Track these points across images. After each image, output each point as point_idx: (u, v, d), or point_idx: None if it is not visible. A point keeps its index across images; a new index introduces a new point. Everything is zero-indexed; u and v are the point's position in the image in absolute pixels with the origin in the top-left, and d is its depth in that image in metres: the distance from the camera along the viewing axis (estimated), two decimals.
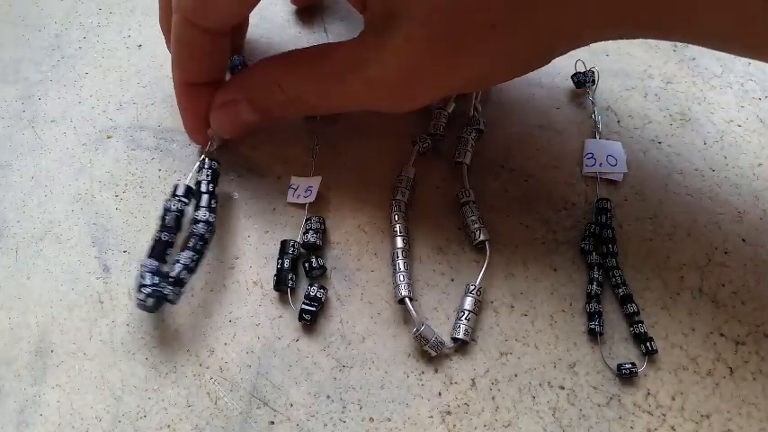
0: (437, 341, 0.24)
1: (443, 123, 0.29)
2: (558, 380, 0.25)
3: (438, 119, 0.29)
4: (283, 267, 0.26)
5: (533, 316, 0.26)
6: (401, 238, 0.26)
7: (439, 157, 0.30)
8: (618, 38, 0.22)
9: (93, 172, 0.30)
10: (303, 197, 0.28)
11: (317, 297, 0.25)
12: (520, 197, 0.28)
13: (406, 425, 0.24)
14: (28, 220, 0.29)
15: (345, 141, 0.30)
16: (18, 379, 0.25)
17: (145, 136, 0.31)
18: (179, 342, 0.26)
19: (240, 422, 0.24)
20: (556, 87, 0.31)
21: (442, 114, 0.30)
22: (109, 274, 0.27)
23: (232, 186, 0.29)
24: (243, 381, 0.25)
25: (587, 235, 0.27)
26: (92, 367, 0.25)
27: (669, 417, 0.24)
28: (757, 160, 0.29)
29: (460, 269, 0.27)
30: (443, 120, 0.29)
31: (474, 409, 0.24)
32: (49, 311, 0.27)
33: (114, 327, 0.26)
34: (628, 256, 0.27)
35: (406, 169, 0.28)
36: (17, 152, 0.30)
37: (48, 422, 0.24)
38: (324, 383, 0.25)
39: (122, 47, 0.34)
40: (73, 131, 0.31)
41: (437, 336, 0.24)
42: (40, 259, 0.28)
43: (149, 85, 0.32)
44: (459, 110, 0.30)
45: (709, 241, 0.27)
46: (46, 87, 0.32)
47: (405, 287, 0.25)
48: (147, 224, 0.28)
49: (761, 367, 0.24)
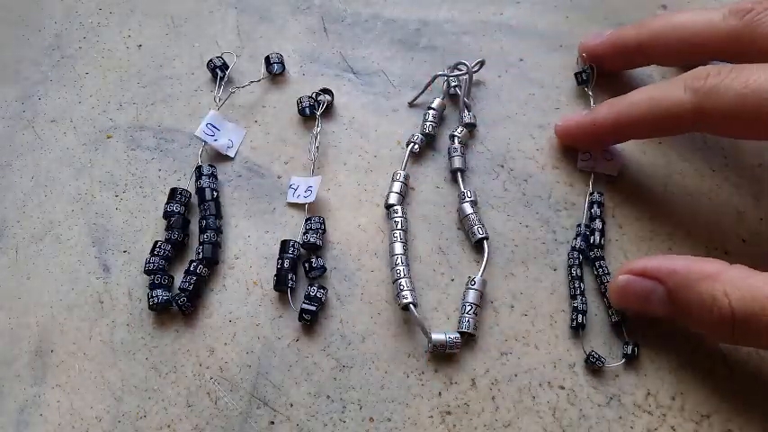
0: (453, 341, 0.24)
1: (434, 123, 0.30)
2: (558, 380, 0.25)
3: (427, 119, 0.30)
4: (283, 267, 0.26)
5: (533, 316, 0.26)
6: (401, 244, 0.26)
7: (438, 156, 0.30)
8: None
9: (93, 172, 0.30)
10: (303, 197, 0.28)
11: (317, 297, 0.25)
12: (520, 197, 0.28)
13: (406, 425, 0.24)
14: (28, 220, 0.29)
15: (345, 141, 0.30)
16: (18, 379, 0.25)
17: (145, 136, 0.31)
18: (179, 342, 0.26)
19: (240, 422, 0.24)
20: (556, 87, 0.31)
21: (431, 114, 0.30)
22: (109, 274, 0.27)
23: (232, 186, 0.29)
24: (243, 381, 0.25)
25: (577, 234, 0.27)
26: (92, 367, 0.25)
27: (669, 417, 0.24)
28: (757, 160, 0.29)
29: (460, 269, 0.27)
30: (433, 119, 0.30)
31: (474, 409, 0.24)
32: (49, 311, 0.27)
33: (114, 327, 0.26)
34: (628, 256, 0.27)
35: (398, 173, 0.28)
36: (17, 152, 0.30)
37: (48, 422, 0.24)
38: (324, 383, 0.25)
39: (122, 47, 0.34)
40: (73, 131, 0.31)
41: (447, 336, 0.24)
42: (40, 259, 0.28)
43: (149, 85, 0.32)
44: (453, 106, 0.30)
45: (709, 241, 0.27)
46: (46, 87, 0.32)
47: (409, 294, 0.25)
48: (147, 224, 0.28)
49: (761, 367, 0.24)
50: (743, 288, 0.20)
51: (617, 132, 0.27)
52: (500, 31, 0.33)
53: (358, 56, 0.33)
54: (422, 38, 0.33)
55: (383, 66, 0.32)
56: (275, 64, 0.32)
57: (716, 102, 0.22)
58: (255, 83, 0.32)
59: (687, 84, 0.23)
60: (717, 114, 0.23)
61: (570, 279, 0.26)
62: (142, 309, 0.26)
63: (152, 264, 0.26)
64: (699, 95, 0.23)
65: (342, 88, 0.32)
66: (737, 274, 0.21)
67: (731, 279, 0.20)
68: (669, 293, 0.22)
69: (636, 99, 0.25)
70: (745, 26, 0.24)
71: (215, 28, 0.34)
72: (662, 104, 0.24)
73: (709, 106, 0.23)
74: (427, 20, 0.34)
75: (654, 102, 0.24)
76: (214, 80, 0.32)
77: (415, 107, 0.31)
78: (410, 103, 0.31)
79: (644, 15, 0.34)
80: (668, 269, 0.22)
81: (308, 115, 0.30)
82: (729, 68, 0.23)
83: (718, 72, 0.23)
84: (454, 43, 0.33)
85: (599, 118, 0.27)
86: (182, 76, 0.32)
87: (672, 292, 0.22)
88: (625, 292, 0.23)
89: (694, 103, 0.23)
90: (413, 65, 0.32)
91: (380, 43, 0.33)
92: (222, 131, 0.30)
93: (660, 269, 0.22)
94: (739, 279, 0.20)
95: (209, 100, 0.31)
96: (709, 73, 0.23)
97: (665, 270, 0.22)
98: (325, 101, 0.30)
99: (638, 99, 0.25)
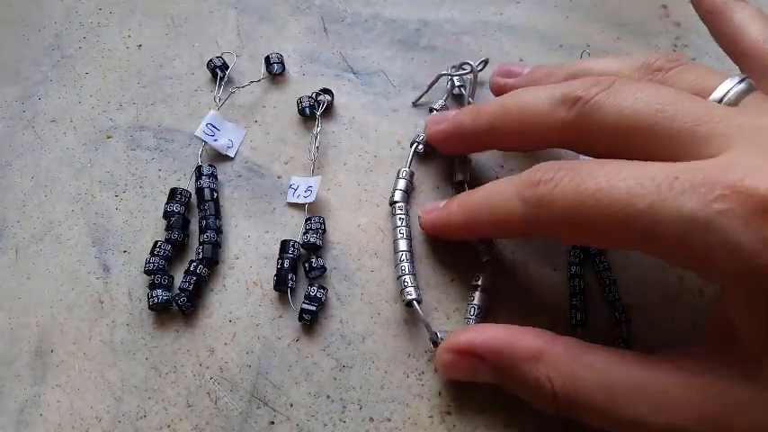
0: None
1: None
2: None
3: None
4: (283, 267, 0.26)
5: (533, 316, 0.26)
6: (405, 241, 0.26)
7: (438, 157, 0.30)
8: None
9: (93, 172, 0.30)
10: (303, 197, 0.28)
11: (317, 297, 0.25)
12: None
13: (406, 425, 0.24)
14: (28, 220, 0.29)
15: (345, 141, 0.30)
16: (18, 379, 0.25)
17: (145, 136, 0.31)
18: (179, 342, 0.26)
19: (240, 422, 0.24)
20: None
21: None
22: (109, 274, 0.27)
23: (232, 186, 0.29)
24: (243, 381, 0.25)
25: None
26: (92, 367, 0.25)
27: None
28: None
29: (460, 269, 0.27)
30: None
31: (474, 409, 0.24)
32: (48, 311, 0.27)
33: (114, 327, 0.26)
34: (628, 256, 0.27)
35: (403, 171, 0.28)
36: (17, 152, 0.30)
37: (48, 422, 0.24)
38: (324, 383, 0.25)
39: (122, 47, 0.34)
40: (73, 131, 0.31)
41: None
42: (40, 259, 0.28)
43: (149, 85, 0.32)
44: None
45: None
46: (46, 87, 0.32)
47: (413, 291, 0.25)
48: (147, 224, 0.28)
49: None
50: (565, 374, 0.20)
51: (469, 232, 0.25)
52: (500, 31, 0.33)
53: (358, 56, 0.33)
54: (422, 38, 0.33)
55: (383, 66, 0.32)
56: (275, 64, 0.32)
57: (547, 212, 0.20)
58: (255, 83, 0.32)
59: (519, 191, 0.21)
60: (549, 226, 0.20)
61: (570, 276, 0.26)
62: (142, 309, 0.26)
63: (152, 264, 0.26)
64: (530, 206, 0.20)
65: (342, 88, 0.32)
66: (561, 356, 0.20)
67: (554, 362, 0.20)
68: (494, 370, 0.22)
69: (477, 201, 0.23)
70: (575, 118, 0.21)
71: (215, 28, 0.34)
72: (498, 213, 0.22)
73: (541, 217, 0.20)
74: (427, 20, 0.34)
75: (492, 208, 0.22)
76: (214, 80, 0.32)
77: (419, 107, 0.31)
78: (414, 102, 0.31)
79: (644, 15, 0.34)
80: (491, 349, 0.21)
81: (308, 115, 0.30)
82: (564, 171, 0.20)
83: (550, 178, 0.20)
84: (454, 43, 0.33)
85: (452, 217, 0.25)
86: (182, 76, 0.32)
87: (497, 370, 0.22)
88: (450, 369, 0.23)
89: (527, 214, 0.21)
90: (413, 65, 0.32)
91: (380, 43, 0.33)
92: (222, 131, 0.30)
93: (484, 348, 0.22)
94: (562, 362, 0.20)
95: (209, 100, 0.31)
96: (540, 180, 0.20)
97: (489, 349, 0.22)
98: (325, 101, 0.30)
99: (479, 201, 0.23)
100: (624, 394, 0.19)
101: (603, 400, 0.19)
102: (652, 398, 0.19)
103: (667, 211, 0.17)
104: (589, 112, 0.21)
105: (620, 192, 0.18)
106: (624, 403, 0.19)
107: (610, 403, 0.19)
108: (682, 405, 0.18)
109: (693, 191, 0.17)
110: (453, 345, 0.22)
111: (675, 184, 0.17)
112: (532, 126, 0.23)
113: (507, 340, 0.21)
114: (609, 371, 0.19)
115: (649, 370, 0.19)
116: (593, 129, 0.21)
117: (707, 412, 0.18)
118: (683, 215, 0.17)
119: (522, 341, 0.21)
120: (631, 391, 0.19)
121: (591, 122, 0.21)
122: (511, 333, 0.22)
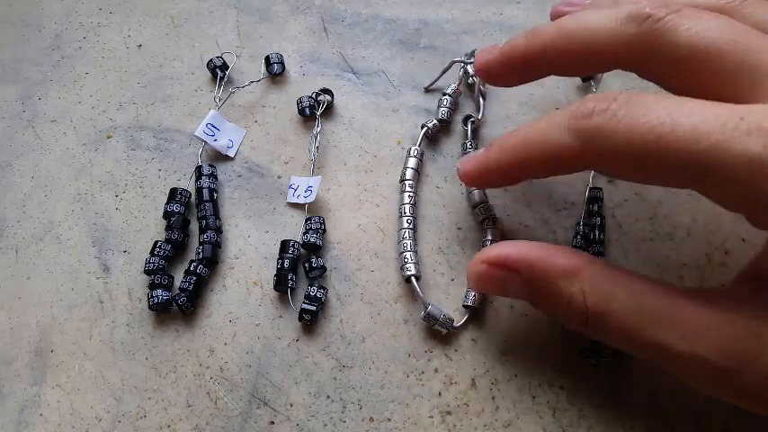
0: (446, 318, 0.25)
1: (449, 108, 0.30)
2: (558, 380, 0.25)
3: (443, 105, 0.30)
4: (283, 267, 0.26)
5: (533, 316, 0.26)
6: (410, 219, 0.27)
7: (439, 157, 0.30)
8: None
9: (93, 172, 0.30)
10: (303, 197, 0.28)
11: (317, 297, 0.25)
12: (520, 197, 0.28)
13: (406, 425, 0.24)
14: (28, 220, 0.29)
15: (345, 141, 0.30)
16: (18, 379, 0.25)
17: (145, 136, 0.31)
18: (179, 342, 0.26)
19: (240, 422, 0.24)
20: (556, 87, 0.31)
21: (447, 100, 0.30)
22: (109, 274, 0.27)
23: (232, 186, 0.29)
24: (243, 381, 0.25)
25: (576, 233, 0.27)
26: (92, 367, 0.25)
27: (669, 416, 0.24)
28: None
29: (461, 269, 0.27)
30: (448, 105, 0.30)
31: (474, 409, 0.24)
32: (48, 311, 0.27)
33: (114, 327, 0.26)
34: (628, 256, 0.27)
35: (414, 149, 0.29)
36: (17, 152, 0.30)
37: (48, 422, 0.24)
38: (324, 383, 0.25)
39: (122, 47, 0.34)
40: (73, 131, 0.31)
41: (445, 314, 0.25)
42: (40, 259, 0.28)
43: (149, 85, 0.32)
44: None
45: (709, 241, 0.27)
46: (46, 87, 0.32)
47: (413, 267, 0.25)
48: (146, 224, 0.28)
49: None
50: (600, 290, 0.20)
51: (512, 174, 0.23)
52: (500, 31, 0.33)
53: (358, 56, 0.33)
54: (422, 38, 0.33)
55: (383, 66, 0.32)
56: (275, 64, 0.32)
57: (602, 146, 0.19)
58: (255, 83, 0.32)
59: (569, 124, 0.20)
60: (602, 160, 0.20)
61: None
62: (142, 309, 0.26)
63: (152, 264, 0.26)
64: (582, 138, 0.19)
65: (342, 88, 0.32)
66: (598, 273, 0.20)
67: (590, 278, 0.20)
68: (526, 285, 0.21)
69: (520, 138, 0.22)
70: (645, 34, 0.20)
71: (215, 28, 0.34)
72: (545, 148, 0.21)
73: (595, 150, 0.19)
74: (427, 20, 0.34)
75: (538, 143, 0.21)
76: (214, 80, 0.32)
77: (431, 92, 0.31)
78: (426, 88, 0.31)
79: None
80: (526, 262, 0.21)
81: (308, 115, 0.30)
82: (620, 102, 0.19)
83: (605, 108, 0.19)
84: (454, 43, 0.33)
85: (491, 162, 0.23)
86: (182, 76, 0.32)
87: (529, 284, 0.21)
88: (482, 281, 0.22)
89: (578, 148, 0.20)
90: (413, 65, 0.32)
91: (380, 43, 0.33)
92: (222, 131, 0.30)
93: (519, 261, 0.21)
94: (599, 279, 0.20)
95: (209, 100, 0.31)
96: (593, 110, 0.19)
97: (524, 263, 0.21)
98: (325, 101, 0.30)
99: (523, 138, 0.22)
100: (654, 317, 0.19)
101: (633, 320, 0.19)
102: (681, 325, 0.19)
103: (732, 152, 0.16)
104: (660, 31, 0.20)
105: (684, 128, 0.17)
106: (653, 326, 0.19)
107: (638, 323, 0.19)
108: (709, 336, 0.18)
109: (760, 133, 0.16)
110: (488, 256, 0.22)
111: (741, 125, 0.17)
112: (595, 43, 0.21)
113: (544, 255, 0.21)
114: (643, 293, 0.19)
115: (682, 299, 0.19)
116: (664, 49, 0.20)
117: (732, 346, 0.18)
118: (748, 157, 0.16)
119: (559, 257, 0.21)
120: (662, 316, 0.19)
121: (661, 42, 0.20)
122: (548, 249, 0.21)
